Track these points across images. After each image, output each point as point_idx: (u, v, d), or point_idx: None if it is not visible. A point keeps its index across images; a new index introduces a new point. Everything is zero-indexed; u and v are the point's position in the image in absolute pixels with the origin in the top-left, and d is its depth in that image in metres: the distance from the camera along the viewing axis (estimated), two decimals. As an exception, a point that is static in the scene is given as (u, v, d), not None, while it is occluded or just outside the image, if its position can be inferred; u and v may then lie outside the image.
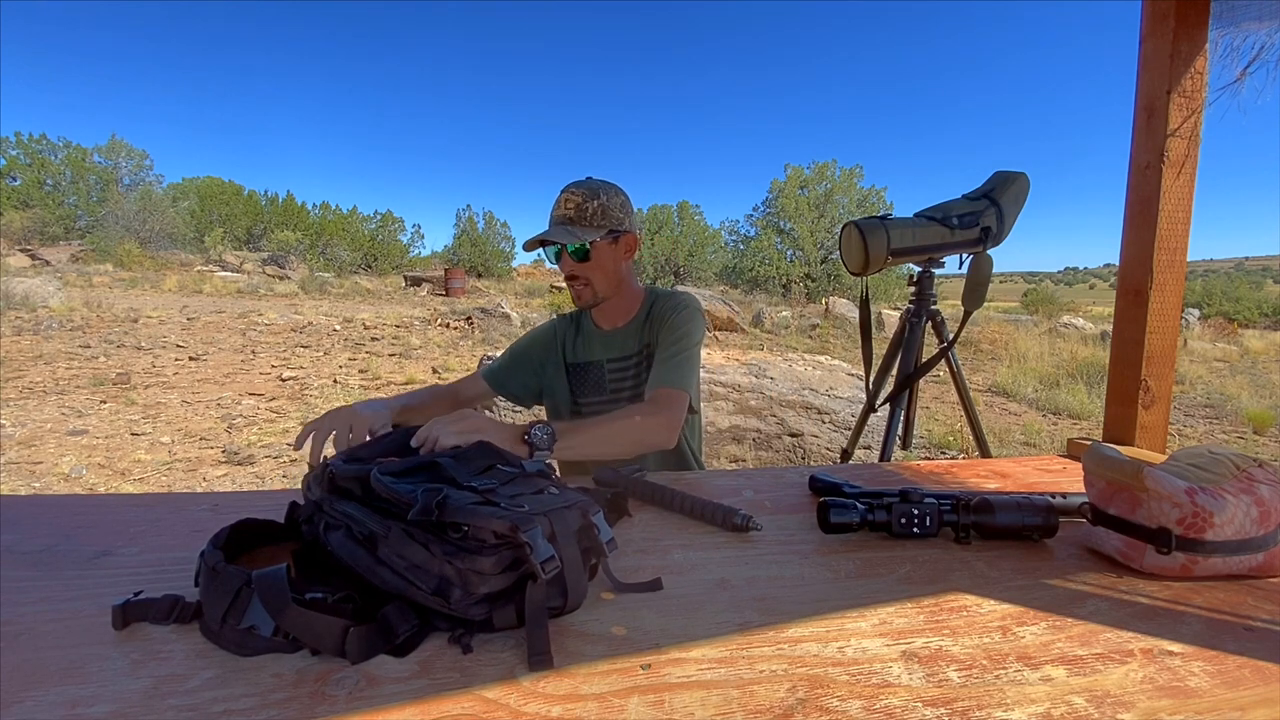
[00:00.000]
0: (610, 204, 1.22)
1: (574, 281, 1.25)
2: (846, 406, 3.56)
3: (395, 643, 0.52)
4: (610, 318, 1.35)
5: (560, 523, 0.58)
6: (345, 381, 5.75)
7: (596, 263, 1.23)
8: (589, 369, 1.35)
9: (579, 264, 1.23)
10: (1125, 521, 0.71)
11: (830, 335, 10.13)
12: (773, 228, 21.49)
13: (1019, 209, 1.64)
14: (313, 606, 0.51)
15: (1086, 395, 5.90)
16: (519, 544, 0.53)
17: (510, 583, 0.55)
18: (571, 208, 1.21)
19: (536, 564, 0.52)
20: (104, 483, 3.32)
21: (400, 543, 0.56)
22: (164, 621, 0.55)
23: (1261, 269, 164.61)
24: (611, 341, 1.34)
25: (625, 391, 1.32)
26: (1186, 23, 1.12)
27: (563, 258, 1.23)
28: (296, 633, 0.50)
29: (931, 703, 0.47)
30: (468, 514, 0.54)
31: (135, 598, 0.55)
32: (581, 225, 1.21)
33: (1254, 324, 19.52)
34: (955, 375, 1.75)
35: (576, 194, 1.21)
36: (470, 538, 0.54)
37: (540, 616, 0.53)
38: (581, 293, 1.26)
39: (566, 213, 1.21)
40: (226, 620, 0.51)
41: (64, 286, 10.48)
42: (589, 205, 1.21)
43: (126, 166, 26.09)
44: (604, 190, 1.23)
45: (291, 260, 21.95)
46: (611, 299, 1.29)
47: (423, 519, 0.55)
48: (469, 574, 0.53)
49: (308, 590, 0.53)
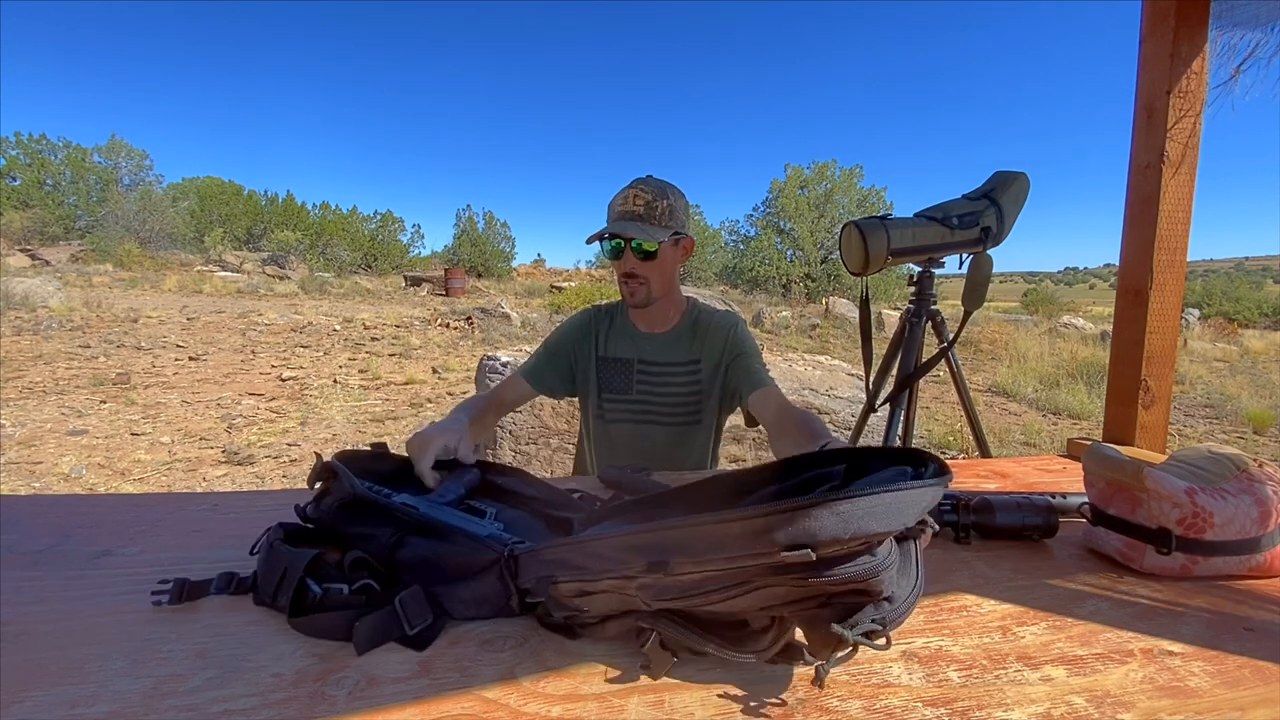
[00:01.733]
0: (676, 205, 1.21)
1: (631, 280, 1.22)
2: (846, 406, 3.56)
3: (408, 634, 0.52)
4: (650, 321, 1.32)
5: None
6: (345, 381, 5.75)
7: (659, 263, 1.21)
8: (619, 365, 1.32)
9: (642, 262, 1.20)
10: (1125, 521, 0.71)
11: (830, 335, 10.13)
12: (773, 228, 21.48)
13: (1019, 209, 1.64)
14: (325, 602, 0.54)
15: (1086, 395, 5.90)
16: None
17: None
18: (641, 205, 1.18)
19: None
20: (104, 483, 3.32)
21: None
22: (222, 593, 0.60)
23: (1261, 269, 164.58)
24: (650, 345, 1.31)
25: (656, 396, 1.29)
26: (1186, 23, 1.12)
27: (625, 254, 1.20)
28: (302, 630, 0.53)
29: (931, 703, 0.47)
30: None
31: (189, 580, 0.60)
32: (651, 224, 1.18)
33: (1254, 324, 19.52)
34: (955, 375, 1.75)
35: (646, 191, 1.19)
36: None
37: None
38: (636, 291, 1.23)
39: (635, 209, 1.18)
40: (276, 597, 0.56)
41: (64, 286, 10.48)
42: (659, 204, 1.19)
43: (126, 166, 26.10)
44: (670, 191, 1.22)
45: (291, 260, 21.95)
46: (660, 301, 1.27)
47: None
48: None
49: (330, 580, 0.56)
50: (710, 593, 0.45)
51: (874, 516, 0.40)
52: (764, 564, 0.42)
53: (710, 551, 0.44)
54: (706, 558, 0.44)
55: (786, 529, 0.40)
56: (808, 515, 0.40)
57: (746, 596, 0.45)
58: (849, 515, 0.40)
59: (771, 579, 0.43)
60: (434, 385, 5.74)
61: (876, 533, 0.40)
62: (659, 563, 0.45)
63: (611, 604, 0.51)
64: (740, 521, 0.42)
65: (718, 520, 0.43)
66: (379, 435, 4.30)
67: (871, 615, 0.42)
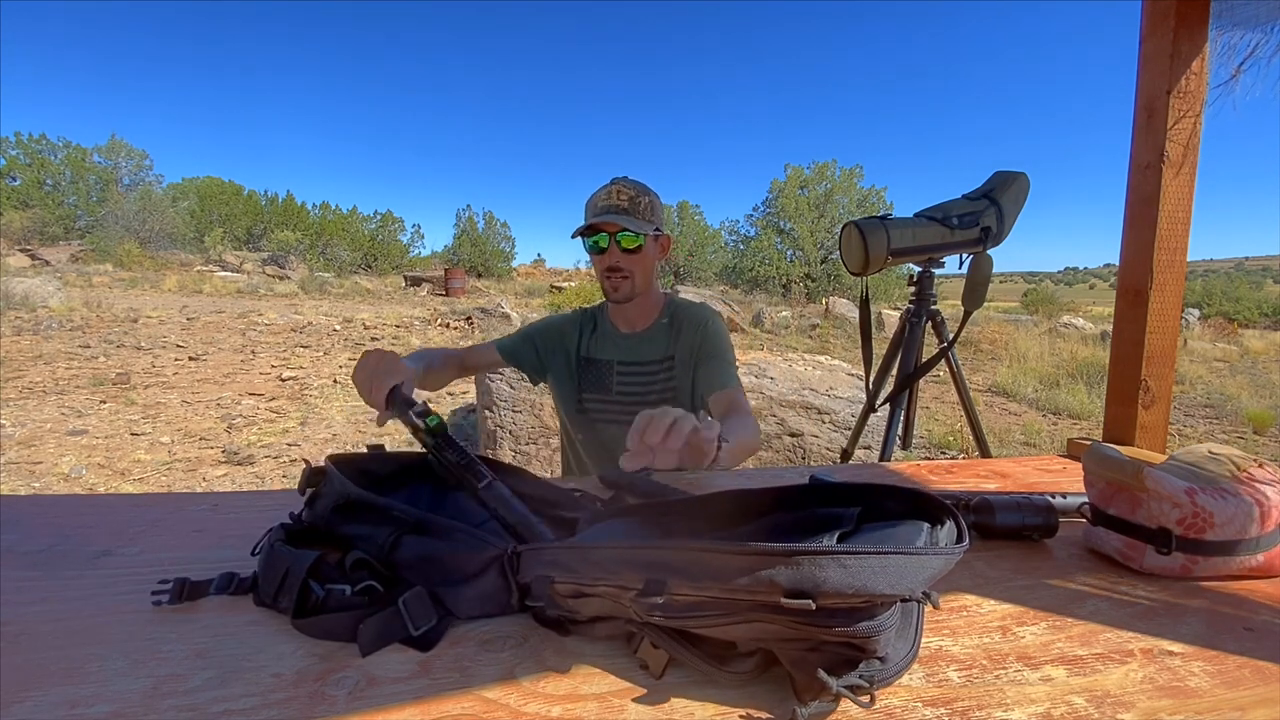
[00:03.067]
0: (655, 203, 1.24)
1: (615, 274, 1.23)
2: (846, 406, 3.56)
3: (412, 635, 0.52)
4: (630, 320, 1.34)
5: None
6: (345, 381, 5.75)
7: (642, 257, 1.23)
8: (598, 366, 1.34)
9: (627, 255, 1.21)
10: (1125, 521, 0.71)
11: (830, 335, 10.13)
12: (773, 228, 21.49)
13: (1019, 209, 1.64)
14: (327, 603, 0.54)
15: (1086, 395, 5.90)
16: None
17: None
18: (625, 200, 1.19)
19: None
20: (104, 483, 3.32)
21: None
22: (223, 593, 0.60)
23: (1261, 269, 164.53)
24: (627, 345, 1.33)
25: (635, 395, 1.31)
26: (1186, 23, 1.12)
27: (610, 249, 1.21)
28: (305, 632, 0.53)
29: (931, 703, 0.47)
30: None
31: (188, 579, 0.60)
32: (635, 218, 1.20)
33: (1254, 324, 19.51)
34: (955, 375, 1.75)
35: (629, 188, 1.20)
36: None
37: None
38: (620, 285, 1.24)
39: (620, 203, 1.19)
40: (277, 598, 0.56)
41: (64, 286, 10.48)
42: (641, 200, 1.20)
43: (126, 166, 26.11)
44: (649, 189, 1.24)
45: (291, 260, 21.96)
46: (639, 298, 1.28)
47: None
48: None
49: (332, 581, 0.56)
50: (704, 617, 0.45)
51: (881, 577, 0.39)
52: (762, 601, 0.42)
53: (709, 580, 0.43)
54: (704, 584, 0.44)
55: (789, 573, 0.40)
56: (814, 563, 0.39)
57: (739, 627, 0.45)
58: (856, 571, 0.39)
59: (767, 615, 0.43)
60: (434, 385, 5.73)
61: (881, 594, 0.40)
62: (657, 582, 0.45)
63: (605, 608, 0.51)
64: (743, 556, 0.42)
65: (721, 550, 0.43)
66: (379, 435, 4.30)
67: (861, 671, 0.42)
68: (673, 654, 0.48)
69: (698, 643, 0.48)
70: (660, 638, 0.48)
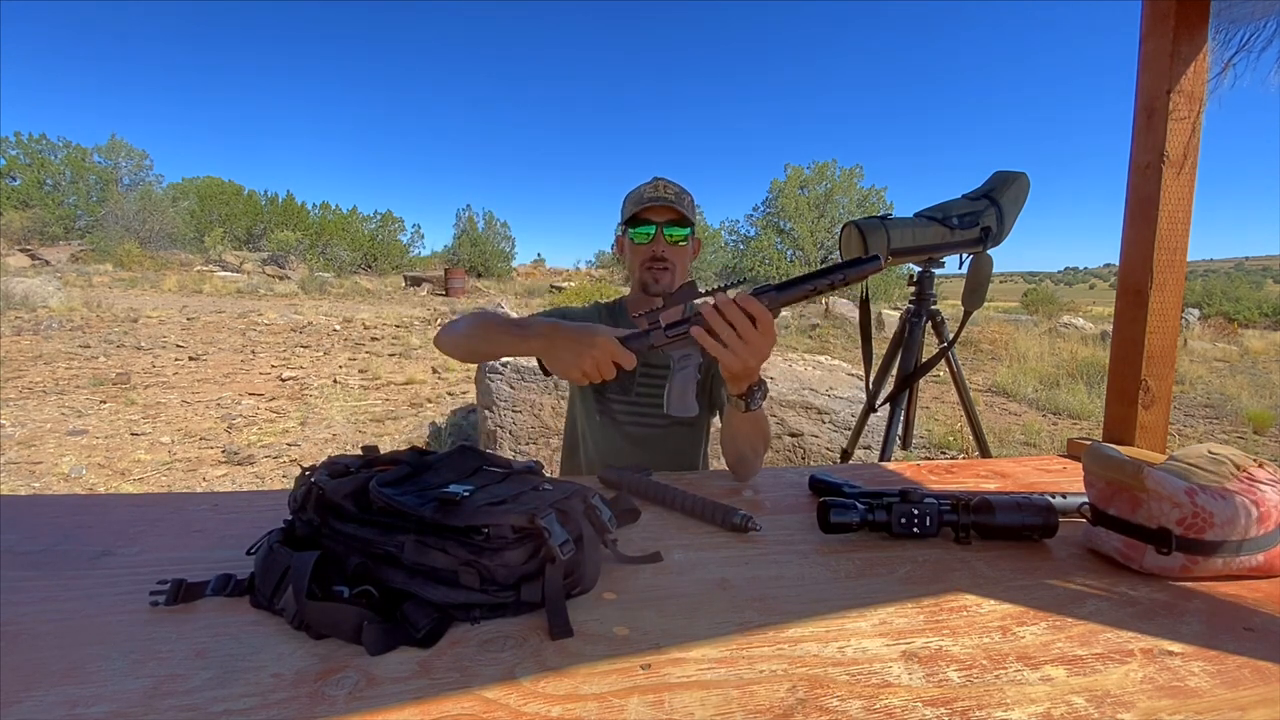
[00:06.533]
0: (693, 203, 1.26)
1: (658, 264, 1.23)
2: (846, 406, 3.56)
3: (416, 637, 0.52)
4: None
5: (569, 508, 0.62)
6: (345, 381, 5.75)
7: (685, 251, 1.24)
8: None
9: (673, 246, 1.21)
10: (1125, 522, 0.71)
11: (830, 335, 10.13)
12: (773, 228, 21.50)
13: (1019, 209, 1.64)
14: (332, 601, 0.54)
15: (1086, 395, 5.90)
16: (537, 532, 0.57)
17: (533, 568, 0.58)
18: (671, 194, 1.20)
19: (554, 547, 0.56)
20: (104, 483, 3.32)
21: (417, 553, 0.57)
22: (219, 595, 0.60)
23: (1261, 269, 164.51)
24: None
25: (655, 397, 1.28)
26: (1186, 23, 1.12)
27: (657, 238, 1.21)
28: (314, 622, 0.53)
29: (931, 703, 0.47)
30: (485, 514, 0.57)
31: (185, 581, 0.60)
32: (683, 210, 1.21)
33: (1254, 324, 19.49)
34: (955, 375, 1.75)
35: (673, 184, 1.22)
36: (493, 537, 0.57)
37: (559, 595, 0.57)
38: (660, 277, 1.24)
39: (667, 196, 1.20)
40: (274, 598, 0.56)
41: (64, 286, 10.48)
42: (685, 197, 1.22)
43: (126, 166, 26.10)
44: (687, 190, 1.26)
45: (291, 260, 21.95)
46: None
47: (438, 524, 0.57)
48: (496, 569, 0.57)
49: (331, 584, 0.56)
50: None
51: None
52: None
53: None
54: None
55: None
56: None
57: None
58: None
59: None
60: (434, 385, 5.74)
61: None
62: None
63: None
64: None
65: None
66: (379, 435, 4.30)
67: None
68: None
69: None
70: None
